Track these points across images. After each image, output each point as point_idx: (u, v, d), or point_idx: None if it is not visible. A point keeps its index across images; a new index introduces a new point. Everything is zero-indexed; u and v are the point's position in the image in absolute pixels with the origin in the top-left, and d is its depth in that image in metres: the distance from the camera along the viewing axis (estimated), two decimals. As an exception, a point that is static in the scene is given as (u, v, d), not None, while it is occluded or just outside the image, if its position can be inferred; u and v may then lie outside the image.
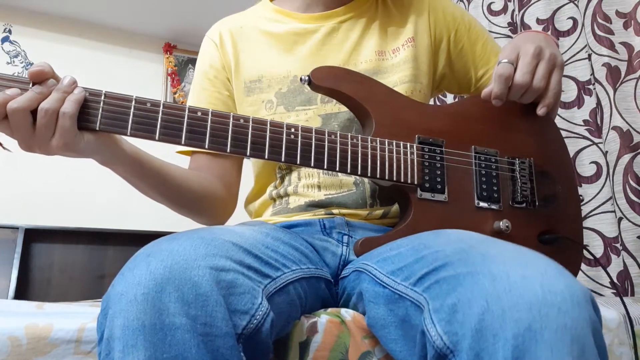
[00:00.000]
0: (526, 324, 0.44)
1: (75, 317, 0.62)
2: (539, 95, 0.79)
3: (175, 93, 3.25)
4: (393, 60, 0.91)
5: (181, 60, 3.33)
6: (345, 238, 0.82)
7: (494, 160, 0.83)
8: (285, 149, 0.71)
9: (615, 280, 1.09)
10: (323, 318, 0.68)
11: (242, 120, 0.70)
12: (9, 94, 0.60)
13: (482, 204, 0.80)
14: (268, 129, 0.71)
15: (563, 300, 0.45)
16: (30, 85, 0.62)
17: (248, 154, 0.70)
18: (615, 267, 1.29)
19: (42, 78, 0.63)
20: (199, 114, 0.68)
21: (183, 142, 0.67)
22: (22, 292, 2.20)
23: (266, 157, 0.70)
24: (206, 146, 0.67)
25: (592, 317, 0.47)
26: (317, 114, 0.88)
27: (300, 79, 0.78)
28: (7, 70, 2.86)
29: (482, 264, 0.51)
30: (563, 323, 0.44)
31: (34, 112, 0.62)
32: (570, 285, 0.47)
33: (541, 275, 0.48)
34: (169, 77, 3.26)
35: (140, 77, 3.16)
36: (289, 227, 0.84)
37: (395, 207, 0.85)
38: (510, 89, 0.76)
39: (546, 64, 0.77)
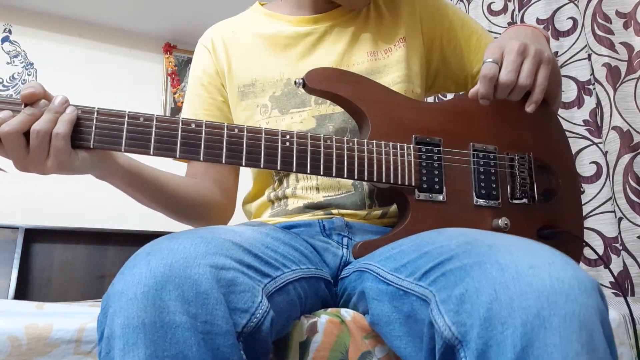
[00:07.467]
0: (534, 311, 0.44)
1: (75, 317, 0.62)
2: (527, 92, 0.78)
3: (175, 93, 3.25)
4: (386, 61, 0.91)
5: (181, 60, 3.33)
6: (345, 240, 0.82)
7: (492, 157, 0.82)
8: (280, 157, 0.71)
9: (616, 279, 1.09)
10: (323, 318, 0.68)
11: (236, 130, 0.69)
12: (1, 117, 0.61)
13: (481, 202, 0.80)
14: (263, 138, 0.70)
15: (571, 287, 0.46)
16: (23, 106, 0.62)
17: (244, 164, 0.69)
18: (615, 267, 1.29)
19: (34, 99, 0.62)
20: (193, 125, 0.68)
21: (178, 155, 0.67)
22: (22, 292, 2.20)
23: (262, 166, 0.70)
24: (201, 158, 0.67)
25: (599, 305, 0.47)
26: (312, 115, 0.88)
27: (295, 82, 0.78)
28: (7, 71, 2.86)
29: (489, 254, 0.51)
30: (571, 310, 0.44)
31: (27, 134, 0.62)
32: (577, 273, 0.47)
33: (548, 265, 0.48)
34: (169, 77, 3.26)
35: (140, 77, 3.16)
36: (289, 227, 0.84)
37: (394, 207, 0.85)
38: (496, 88, 0.74)
39: (532, 60, 0.75)
